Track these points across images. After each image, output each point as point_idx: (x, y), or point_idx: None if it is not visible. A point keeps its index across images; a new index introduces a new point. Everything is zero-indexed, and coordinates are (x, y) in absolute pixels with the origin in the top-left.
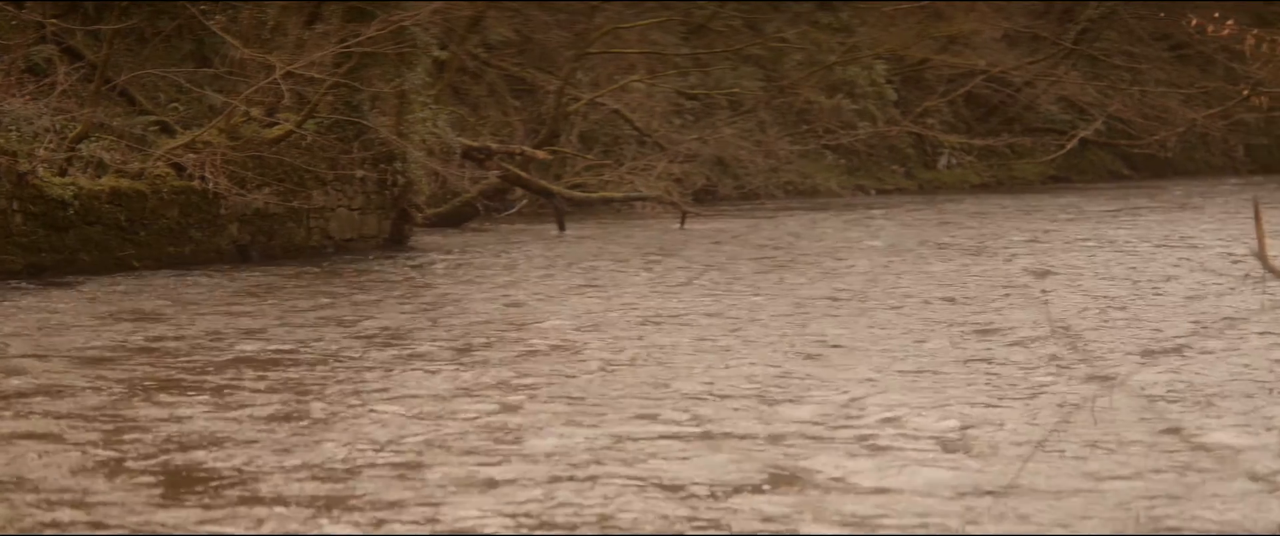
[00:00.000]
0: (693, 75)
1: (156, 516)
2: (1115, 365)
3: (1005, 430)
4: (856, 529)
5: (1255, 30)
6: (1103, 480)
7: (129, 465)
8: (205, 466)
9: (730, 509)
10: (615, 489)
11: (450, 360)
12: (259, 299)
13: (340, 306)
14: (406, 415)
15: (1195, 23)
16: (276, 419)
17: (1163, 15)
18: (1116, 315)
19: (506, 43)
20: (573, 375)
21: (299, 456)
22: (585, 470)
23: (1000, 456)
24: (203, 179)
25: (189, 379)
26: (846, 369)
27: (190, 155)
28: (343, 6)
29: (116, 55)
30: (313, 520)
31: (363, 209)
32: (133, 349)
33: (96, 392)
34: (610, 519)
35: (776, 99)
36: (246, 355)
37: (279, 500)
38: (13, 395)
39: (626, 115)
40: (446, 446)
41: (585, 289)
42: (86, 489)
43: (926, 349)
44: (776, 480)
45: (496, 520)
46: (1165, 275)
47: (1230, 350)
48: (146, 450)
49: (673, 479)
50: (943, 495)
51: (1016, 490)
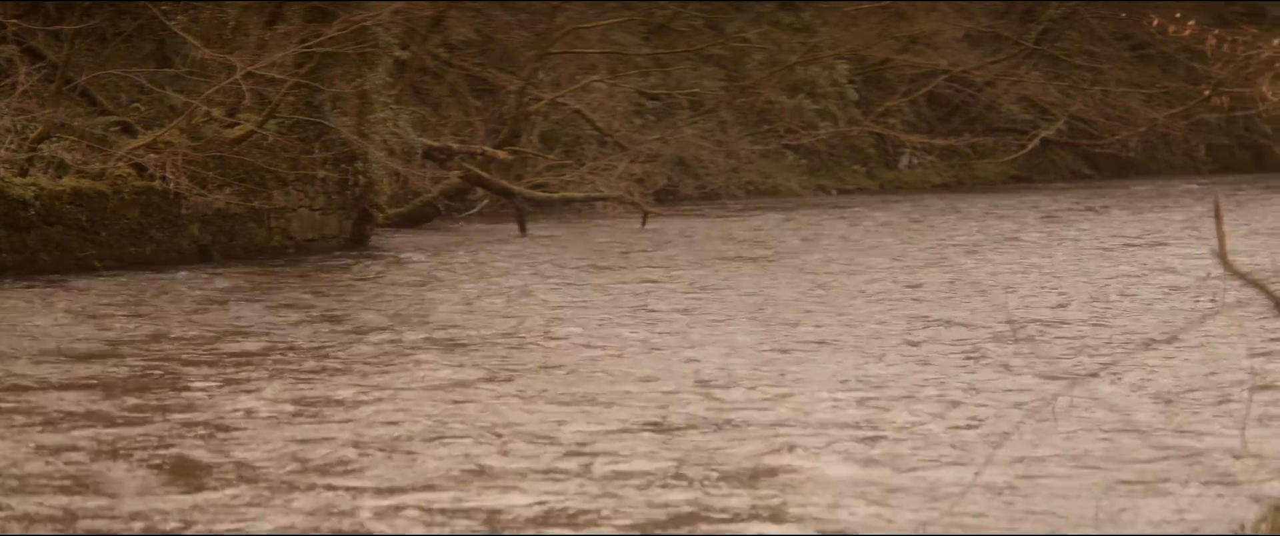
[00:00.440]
0: (654, 75)
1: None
2: (1076, 365)
3: (965, 429)
4: (817, 528)
5: (1216, 30)
6: (1063, 479)
7: (121, 457)
8: (203, 462)
9: (708, 502)
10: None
11: (417, 358)
12: (227, 298)
13: (301, 307)
14: (383, 410)
15: (1156, 23)
16: (252, 414)
17: (1124, 15)
18: (1077, 315)
19: (468, 43)
20: (529, 371)
21: (285, 449)
22: (569, 462)
23: (961, 455)
24: (164, 179)
25: (170, 375)
26: (811, 365)
27: (151, 155)
28: (304, 7)
29: (78, 55)
30: (314, 510)
31: (324, 209)
32: (107, 347)
33: (76, 391)
34: (600, 512)
35: (738, 99)
36: (224, 352)
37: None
38: None
39: (588, 115)
40: (438, 438)
41: (545, 288)
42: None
43: (887, 349)
44: (750, 474)
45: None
46: (1126, 275)
47: (1191, 350)
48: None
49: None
50: (902, 495)
51: (977, 489)
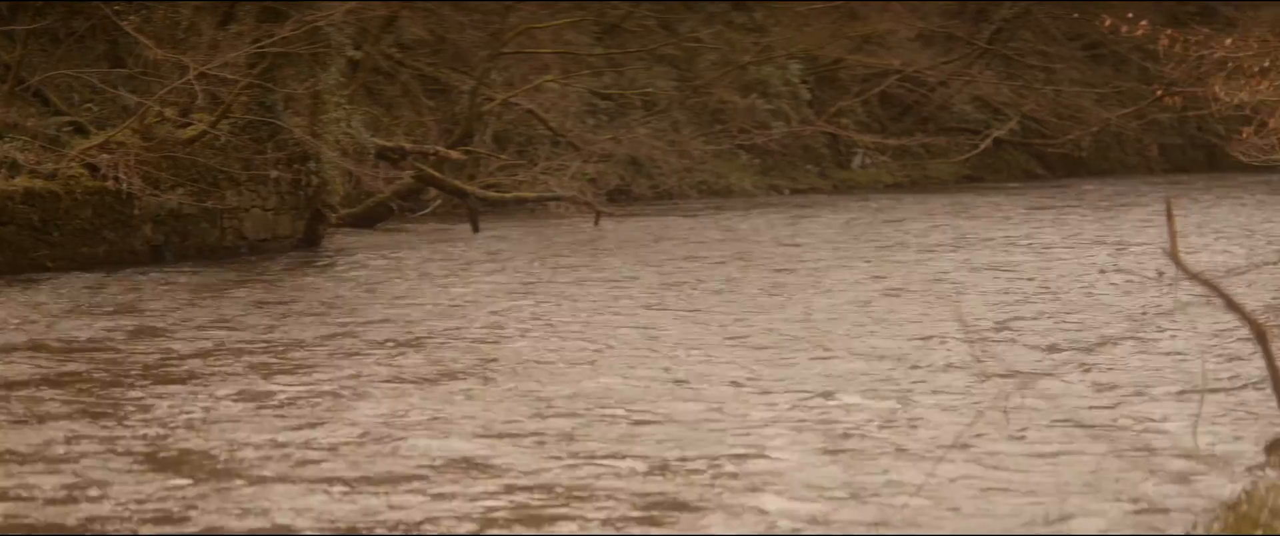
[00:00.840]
0: (607, 75)
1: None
2: (1027, 364)
3: (919, 429)
4: (769, 527)
5: (1169, 30)
6: (1013, 477)
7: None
8: (189, 450)
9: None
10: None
11: (368, 357)
12: (176, 297)
13: (251, 307)
14: (331, 407)
15: (1109, 23)
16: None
17: (1077, 15)
18: (1029, 314)
19: (420, 43)
20: (479, 369)
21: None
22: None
23: (912, 454)
24: (117, 179)
25: (113, 374)
26: (765, 364)
27: (104, 155)
28: (257, 7)
29: (30, 55)
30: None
31: (277, 209)
32: (59, 345)
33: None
34: (586, 487)
35: (690, 99)
36: (171, 352)
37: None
38: None
39: (540, 115)
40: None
41: (498, 287)
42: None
43: (840, 348)
44: (703, 472)
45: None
46: (1079, 274)
47: (1144, 349)
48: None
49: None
50: (856, 493)
51: (928, 488)
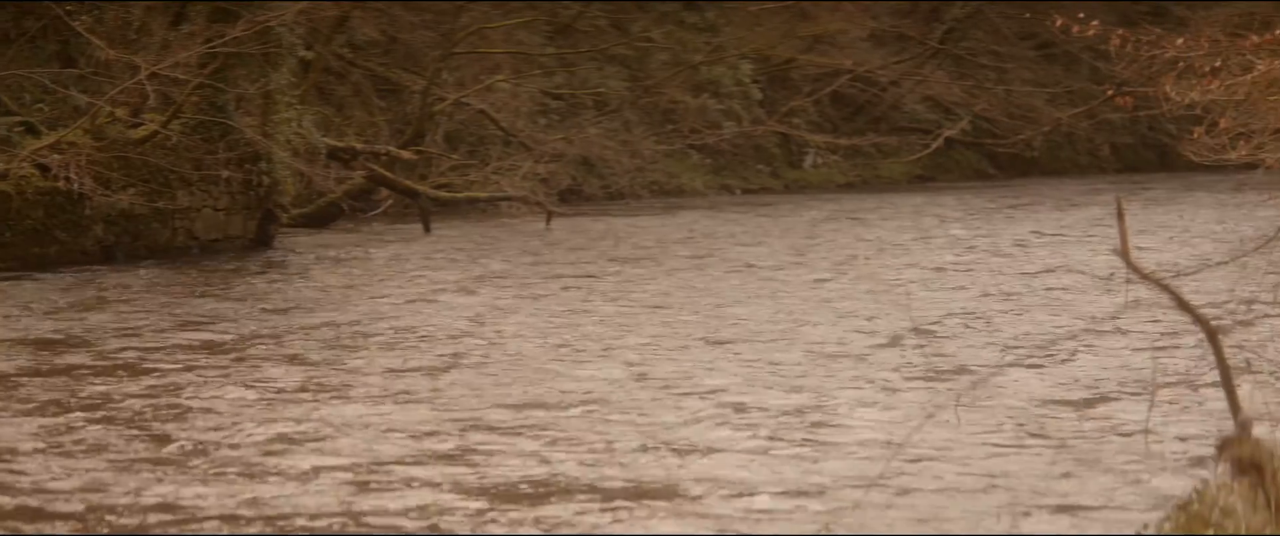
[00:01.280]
0: (558, 75)
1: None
2: (979, 363)
3: (868, 427)
4: (717, 527)
5: (1120, 30)
6: (966, 479)
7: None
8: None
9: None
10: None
11: (319, 356)
12: (125, 297)
13: (200, 307)
14: (284, 409)
15: (1060, 23)
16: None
17: (1028, 15)
18: (981, 313)
19: (372, 43)
20: (427, 366)
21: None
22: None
23: (863, 455)
24: (68, 179)
25: (51, 373)
26: (713, 359)
27: (55, 156)
28: (208, 7)
29: None
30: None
31: (228, 209)
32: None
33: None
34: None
35: (642, 99)
36: (118, 354)
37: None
38: None
39: (492, 115)
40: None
41: (449, 286)
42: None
43: (790, 347)
44: (652, 471)
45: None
46: (1030, 274)
47: (1095, 348)
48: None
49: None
50: (805, 493)
51: (879, 488)
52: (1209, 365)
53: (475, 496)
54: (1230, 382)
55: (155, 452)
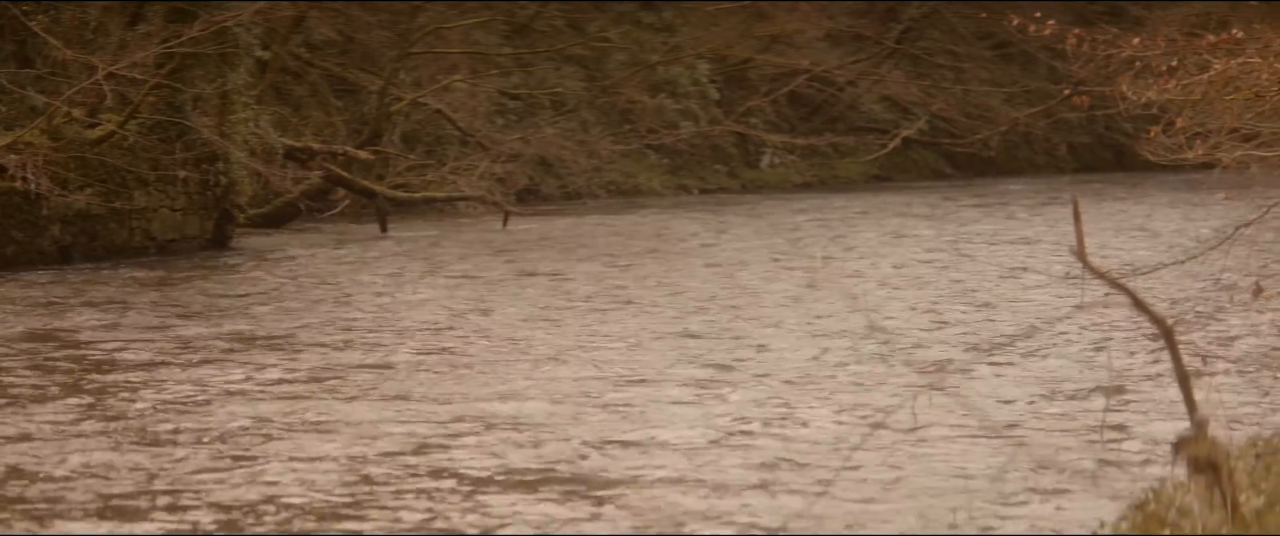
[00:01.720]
0: (515, 75)
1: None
2: (936, 362)
3: (826, 426)
4: (675, 527)
5: (1077, 30)
6: (921, 479)
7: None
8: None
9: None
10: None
11: (272, 358)
12: (76, 299)
13: (155, 308)
14: (239, 410)
15: (1017, 22)
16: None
17: (985, 15)
18: (937, 312)
19: (329, 43)
20: (376, 368)
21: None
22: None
23: (821, 452)
24: (25, 179)
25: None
26: (673, 359)
27: (12, 156)
28: (165, 7)
29: None
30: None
31: (185, 209)
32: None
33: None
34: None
35: (599, 99)
36: (72, 357)
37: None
38: None
39: (449, 115)
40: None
41: (407, 285)
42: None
43: (747, 347)
44: (605, 470)
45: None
46: (987, 274)
47: (1051, 349)
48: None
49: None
50: (762, 494)
51: (834, 489)
52: (1165, 364)
53: (439, 494)
54: (1187, 381)
55: (114, 454)
